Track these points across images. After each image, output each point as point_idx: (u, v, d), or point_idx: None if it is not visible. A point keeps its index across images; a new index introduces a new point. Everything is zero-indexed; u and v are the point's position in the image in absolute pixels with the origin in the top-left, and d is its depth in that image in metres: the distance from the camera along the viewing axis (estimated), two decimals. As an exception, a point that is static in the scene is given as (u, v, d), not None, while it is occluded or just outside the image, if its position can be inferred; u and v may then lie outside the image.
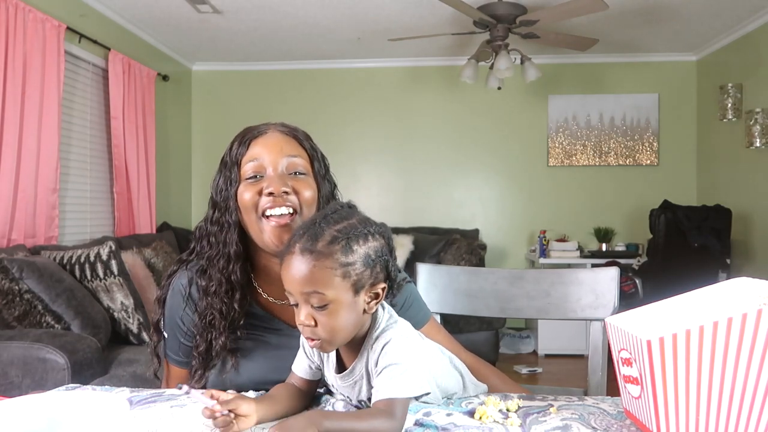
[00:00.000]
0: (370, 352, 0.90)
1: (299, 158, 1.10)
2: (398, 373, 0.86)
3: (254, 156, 1.09)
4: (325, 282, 0.84)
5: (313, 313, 0.86)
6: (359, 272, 0.86)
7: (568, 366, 4.38)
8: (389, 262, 0.91)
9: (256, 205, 1.07)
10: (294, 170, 1.09)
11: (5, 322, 2.49)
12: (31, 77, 3.14)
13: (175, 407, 0.97)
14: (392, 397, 0.84)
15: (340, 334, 0.87)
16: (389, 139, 5.38)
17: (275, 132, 1.12)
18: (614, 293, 1.35)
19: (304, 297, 0.86)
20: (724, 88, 4.52)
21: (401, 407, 0.84)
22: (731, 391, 0.78)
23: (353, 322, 0.88)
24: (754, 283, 0.86)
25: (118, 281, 2.83)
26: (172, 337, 1.16)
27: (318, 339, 0.87)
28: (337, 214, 0.90)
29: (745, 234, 4.36)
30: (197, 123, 5.51)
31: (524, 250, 5.29)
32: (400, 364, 0.87)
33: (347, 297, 0.86)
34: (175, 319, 1.15)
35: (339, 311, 0.86)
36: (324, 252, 0.85)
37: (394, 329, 0.91)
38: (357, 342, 0.92)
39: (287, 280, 0.87)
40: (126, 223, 4.16)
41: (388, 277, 0.91)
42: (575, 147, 5.26)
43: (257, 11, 4.09)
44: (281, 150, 1.09)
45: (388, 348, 0.88)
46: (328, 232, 0.86)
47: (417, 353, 0.90)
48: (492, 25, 3.80)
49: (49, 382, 2.17)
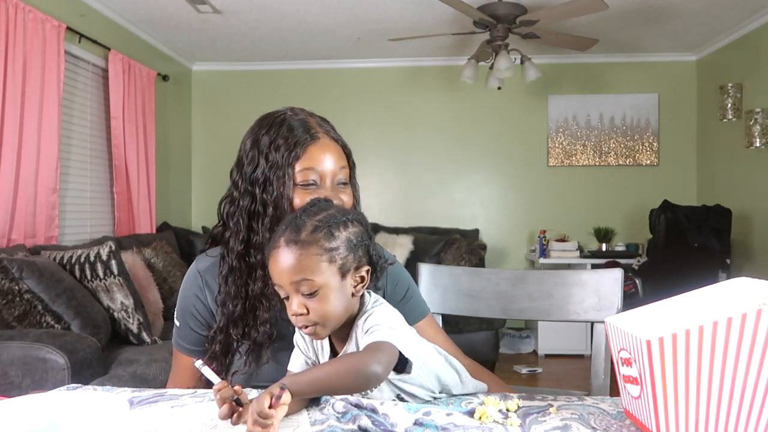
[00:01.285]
0: (359, 332, 0.94)
1: (345, 169, 1.15)
2: (383, 329, 0.90)
3: (310, 165, 1.09)
4: (313, 268, 0.90)
5: (305, 302, 0.91)
6: (344, 256, 0.92)
7: (568, 366, 4.38)
8: (369, 246, 0.96)
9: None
10: (342, 180, 1.14)
11: (5, 322, 2.49)
12: (31, 77, 3.14)
13: (176, 407, 0.97)
14: (376, 340, 0.88)
15: (331, 318, 0.92)
16: (389, 139, 5.38)
17: (329, 140, 1.13)
18: (618, 295, 1.35)
19: (294, 286, 0.90)
20: (724, 88, 4.52)
21: (386, 351, 0.87)
22: (731, 391, 0.78)
23: (343, 306, 0.93)
24: (754, 283, 0.86)
25: (118, 281, 2.83)
26: (184, 325, 1.18)
27: (312, 325, 0.92)
28: (315, 207, 0.97)
29: (745, 234, 4.36)
30: (197, 123, 5.51)
31: (524, 250, 5.29)
32: (383, 324, 0.91)
33: (335, 281, 0.91)
34: (188, 307, 1.18)
35: (329, 296, 0.91)
36: (308, 240, 0.91)
37: (377, 313, 0.95)
38: (347, 328, 0.96)
39: (276, 274, 0.92)
40: (126, 223, 4.16)
41: (370, 261, 0.96)
42: (575, 147, 5.26)
43: (257, 11, 4.10)
44: (335, 162, 1.12)
45: (369, 318, 0.93)
46: (310, 222, 0.93)
47: (397, 324, 0.95)
48: (492, 25, 3.80)
49: (49, 382, 2.17)
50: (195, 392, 1.06)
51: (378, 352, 0.87)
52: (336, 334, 0.97)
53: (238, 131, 1.17)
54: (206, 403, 0.99)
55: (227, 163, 1.20)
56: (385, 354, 0.87)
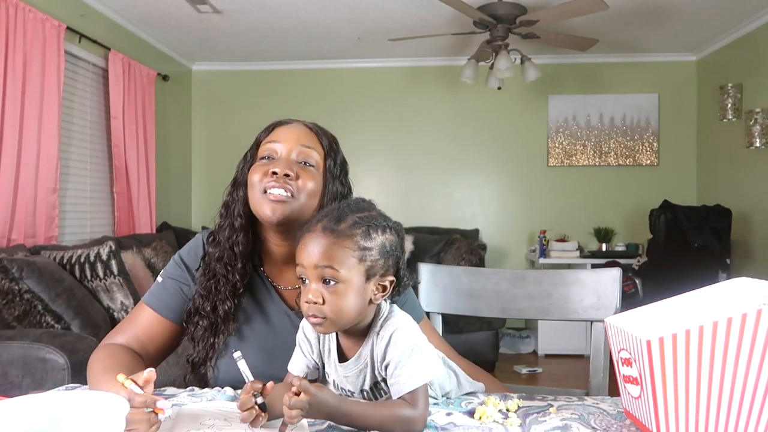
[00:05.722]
0: (377, 338, 0.92)
1: (313, 151, 1.14)
2: (413, 362, 0.89)
3: (272, 139, 1.15)
4: (342, 260, 0.88)
5: (322, 290, 0.88)
6: (374, 259, 0.90)
7: (568, 366, 4.38)
8: (400, 259, 0.94)
9: (259, 183, 1.11)
10: (304, 160, 1.13)
11: (5, 322, 2.49)
12: (31, 77, 3.14)
13: (175, 407, 0.97)
14: (412, 389, 0.87)
15: (344, 316, 0.89)
16: (389, 139, 5.38)
17: (300, 124, 1.18)
18: (616, 294, 1.35)
19: (317, 272, 0.88)
20: (724, 88, 4.52)
21: (422, 395, 0.88)
22: (731, 391, 0.78)
23: (359, 308, 0.90)
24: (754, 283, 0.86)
25: (118, 281, 2.83)
26: (171, 286, 1.18)
27: (322, 317, 0.89)
28: (358, 204, 0.95)
29: (745, 234, 4.36)
30: (197, 123, 5.51)
31: (524, 250, 5.29)
32: (413, 350, 0.90)
33: (359, 280, 0.89)
34: (187, 267, 1.19)
35: (348, 292, 0.88)
36: (346, 232, 0.89)
37: (398, 317, 0.94)
38: (359, 332, 0.94)
39: (303, 255, 0.89)
40: (126, 223, 4.16)
41: (397, 274, 0.94)
42: (575, 147, 5.26)
43: (257, 11, 4.10)
44: (297, 139, 1.14)
45: (397, 336, 0.90)
46: (351, 216, 0.91)
47: (421, 341, 0.93)
48: (492, 25, 3.80)
49: (49, 382, 2.17)
50: (194, 392, 1.06)
51: (420, 401, 0.87)
52: (347, 335, 0.95)
53: (238, 131, 1.19)
54: (205, 403, 0.99)
55: (227, 163, 1.21)
56: (424, 397, 0.88)
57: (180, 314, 1.17)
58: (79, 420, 0.78)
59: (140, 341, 1.14)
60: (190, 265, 1.19)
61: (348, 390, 0.97)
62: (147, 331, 1.15)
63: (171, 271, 1.20)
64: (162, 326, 1.16)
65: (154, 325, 1.16)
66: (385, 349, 0.90)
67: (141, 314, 1.17)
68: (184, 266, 1.19)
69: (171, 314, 1.16)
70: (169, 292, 1.18)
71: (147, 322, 1.16)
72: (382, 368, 0.92)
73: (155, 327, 1.16)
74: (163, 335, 1.16)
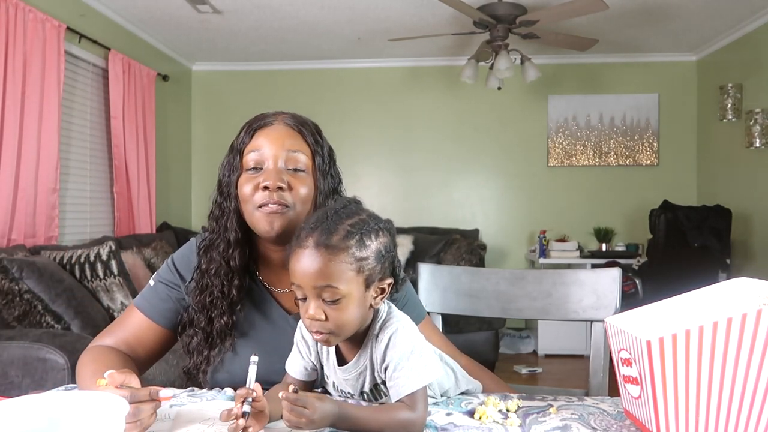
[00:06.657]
0: (375, 342, 0.91)
1: (300, 154, 1.10)
2: (412, 364, 0.88)
3: (256, 147, 1.10)
4: (340, 276, 0.85)
5: (324, 308, 0.86)
6: (372, 267, 0.88)
7: (568, 366, 4.38)
8: (395, 258, 0.93)
9: (252, 198, 1.09)
10: (293, 166, 1.09)
11: (5, 322, 2.49)
12: (31, 77, 3.14)
13: (175, 407, 0.97)
14: (411, 391, 0.86)
15: (347, 328, 0.88)
16: (389, 139, 5.38)
17: (281, 124, 1.12)
18: (616, 294, 1.35)
19: (316, 291, 0.85)
20: (724, 89, 4.52)
21: (422, 397, 0.87)
22: (731, 391, 0.78)
23: (361, 316, 0.89)
24: (754, 283, 0.86)
25: (118, 281, 2.83)
26: (162, 291, 1.16)
27: (327, 333, 0.87)
28: (346, 209, 0.91)
29: (745, 234, 4.36)
30: (197, 123, 5.51)
31: (524, 250, 5.29)
32: (412, 352, 0.89)
33: (359, 291, 0.87)
34: (179, 272, 1.17)
35: (350, 305, 0.87)
36: (340, 246, 0.85)
37: (397, 318, 0.93)
38: (358, 335, 0.93)
39: (298, 274, 0.86)
40: (126, 223, 4.16)
41: (393, 273, 0.93)
42: (575, 147, 5.26)
43: (257, 11, 4.10)
44: (283, 144, 1.09)
45: (396, 338, 0.90)
46: (342, 227, 0.87)
47: (419, 342, 0.92)
48: (492, 25, 3.80)
49: (49, 382, 2.17)
50: (194, 392, 1.06)
51: (418, 404, 0.86)
52: (344, 342, 0.94)
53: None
54: (205, 403, 0.99)
55: (227, 164, 1.19)
56: (423, 400, 0.87)
57: (170, 319, 1.16)
58: (79, 420, 0.78)
59: (129, 344, 1.14)
60: (182, 271, 1.17)
61: (348, 392, 0.97)
62: (136, 335, 1.14)
63: (163, 275, 1.19)
64: (151, 330, 1.15)
65: (144, 328, 1.15)
66: (385, 351, 0.90)
67: (131, 317, 1.16)
68: (176, 271, 1.18)
69: (161, 319, 1.15)
70: (160, 296, 1.16)
71: (137, 326, 1.15)
72: (381, 370, 0.91)
73: (145, 331, 1.15)
74: (152, 339, 1.15)
